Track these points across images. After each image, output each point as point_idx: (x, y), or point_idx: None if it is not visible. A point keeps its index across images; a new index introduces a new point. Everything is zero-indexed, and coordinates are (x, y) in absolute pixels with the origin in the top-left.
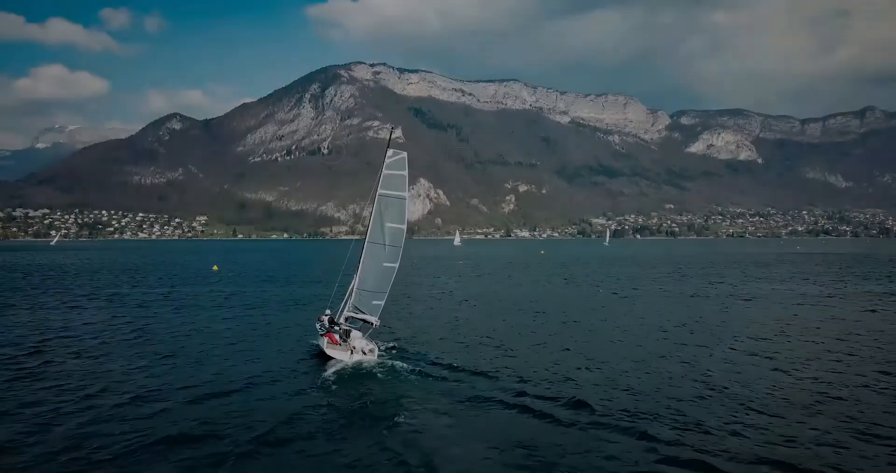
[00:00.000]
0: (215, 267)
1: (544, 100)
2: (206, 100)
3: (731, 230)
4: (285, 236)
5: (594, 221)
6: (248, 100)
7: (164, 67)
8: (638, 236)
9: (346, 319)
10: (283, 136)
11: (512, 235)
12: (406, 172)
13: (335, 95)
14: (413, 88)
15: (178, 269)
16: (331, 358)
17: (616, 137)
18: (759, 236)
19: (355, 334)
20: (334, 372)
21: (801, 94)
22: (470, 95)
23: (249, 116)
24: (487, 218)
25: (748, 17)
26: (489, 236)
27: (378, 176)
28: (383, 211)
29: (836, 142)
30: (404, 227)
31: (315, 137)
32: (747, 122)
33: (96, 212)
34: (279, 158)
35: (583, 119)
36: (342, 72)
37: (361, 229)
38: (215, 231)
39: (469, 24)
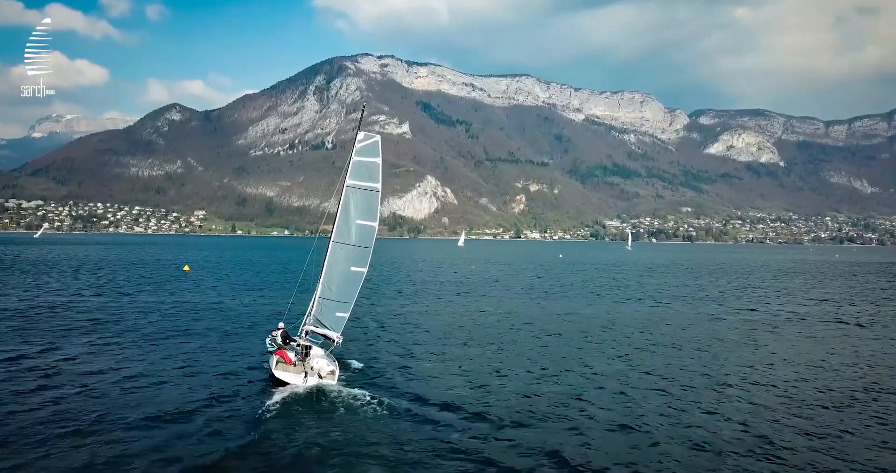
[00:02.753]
0: (187, 268)
1: (557, 96)
2: (207, 91)
3: (750, 236)
4: (286, 233)
5: (608, 223)
6: (250, 91)
7: (165, 56)
8: (653, 240)
9: (307, 333)
10: (285, 129)
11: (521, 236)
12: (379, 160)
13: (341, 88)
14: (421, 81)
15: (149, 268)
16: (281, 382)
17: (632, 136)
18: (779, 243)
19: (316, 351)
20: (281, 401)
21: (825, 94)
22: (480, 89)
23: (251, 107)
24: (496, 218)
25: (771, 12)
26: (497, 237)
27: (346, 164)
28: (351, 205)
29: (862, 145)
30: (376, 224)
31: (319, 130)
32: (769, 123)
33: (91, 204)
34: (281, 152)
35: (597, 117)
36: (348, 64)
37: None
38: (214, 227)
39: (480, 16)
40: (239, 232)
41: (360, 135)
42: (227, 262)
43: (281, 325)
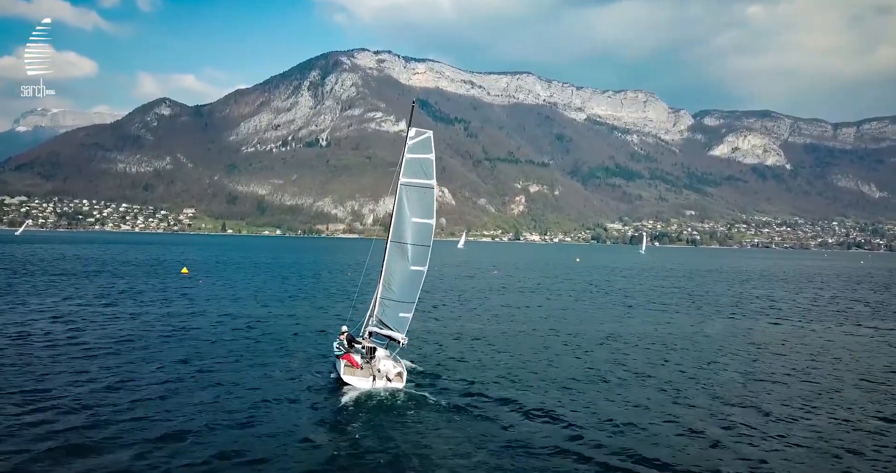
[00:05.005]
0: (185, 270)
1: (559, 95)
2: (199, 85)
3: (755, 240)
4: (278, 232)
5: (609, 226)
6: (242, 86)
7: (156, 49)
8: (656, 244)
9: (370, 335)
10: (278, 125)
11: (521, 238)
12: (433, 155)
13: (336, 84)
14: (419, 78)
15: (140, 270)
16: (349, 386)
17: (635, 136)
18: (785, 247)
19: (381, 353)
20: (351, 402)
21: (834, 96)
22: (480, 87)
23: (244, 103)
24: (495, 220)
25: (783, 11)
26: (496, 239)
27: (399, 162)
28: (406, 204)
29: (870, 148)
30: (433, 222)
31: (313, 127)
32: (776, 124)
33: (76, 201)
34: (274, 149)
35: (599, 117)
36: (344, 59)
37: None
38: (203, 225)
39: (483, 11)
40: (229, 231)
41: (412, 131)
42: (227, 264)
43: (344, 328)
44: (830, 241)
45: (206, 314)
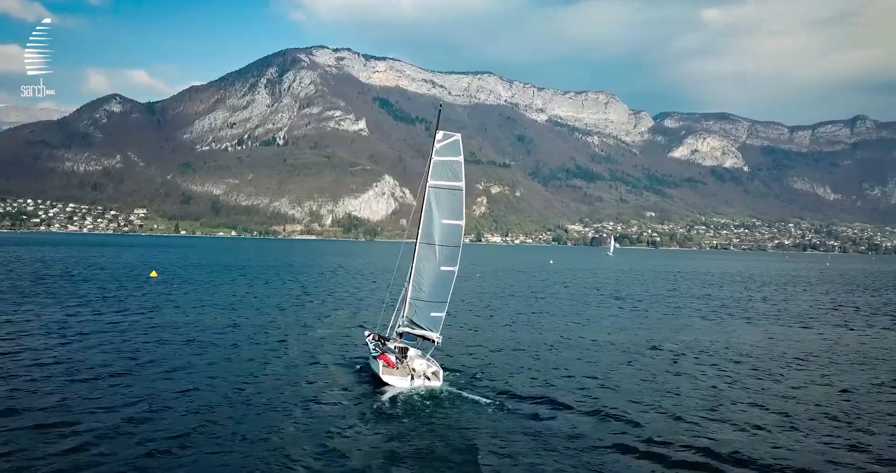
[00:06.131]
0: (154, 274)
1: (520, 96)
2: (151, 81)
3: (714, 242)
4: (233, 233)
5: (570, 227)
6: (197, 83)
7: (106, 43)
8: (618, 245)
9: (400, 335)
10: (234, 123)
11: (483, 240)
12: (462, 158)
13: (294, 82)
14: (379, 76)
15: (106, 275)
16: (388, 385)
17: (595, 138)
18: (743, 249)
19: (413, 353)
20: (391, 400)
21: (791, 99)
22: (441, 86)
23: (198, 100)
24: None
25: (743, 16)
26: None
27: (427, 164)
28: (435, 206)
29: (825, 152)
30: (462, 223)
31: (270, 125)
32: (734, 127)
33: (20, 201)
34: (229, 148)
35: (561, 118)
36: (302, 56)
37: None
38: (155, 226)
39: (445, 10)
40: (183, 232)
41: (440, 135)
42: (195, 267)
43: (367, 332)
44: (787, 242)
45: (207, 323)
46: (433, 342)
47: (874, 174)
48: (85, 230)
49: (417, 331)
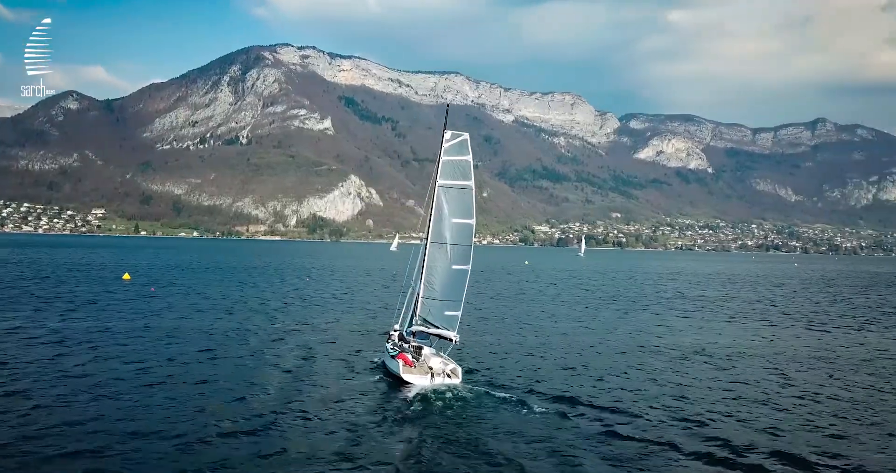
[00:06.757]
0: (126, 276)
1: (487, 96)
2: (109, 78)
3: (679, 243)
4: (195, 234)
5: (537, 228)
6: (158, 80)
7: (62, 38)
8: (580, 246)
9: (414, 334)
10: (196, 122)
11: None
12: (470, 157)
13: (257, 80)
14: (345, 75)
15: (76, 277)
16: (408, 384)
17: (562, 139)
18: (707, 250)
19: (427, 351)
20: (414, 398)
21: (754, 102)
22: (407, 86)
23: (158, 98)
24: (424, 221)
25: (708, 19)
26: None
27: (436, 164)
28: (445, 205)
29: (787, 154)
30: (473, 222)
31: (233, 124)
32: (698, 128)
33: None
34: (191, 147)
35: (527, 119)
36: (266, 54)
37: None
38: (114, 226)
39: (412, 8)
40: (143, 233)
41: (447, 134)
42: (167, 269)
43: (396, 327)
44: (750, 243)
45: (206, 328)
46: (451, 340)
47: (834, 176)
48: (40, 231)
49: (433, 330)
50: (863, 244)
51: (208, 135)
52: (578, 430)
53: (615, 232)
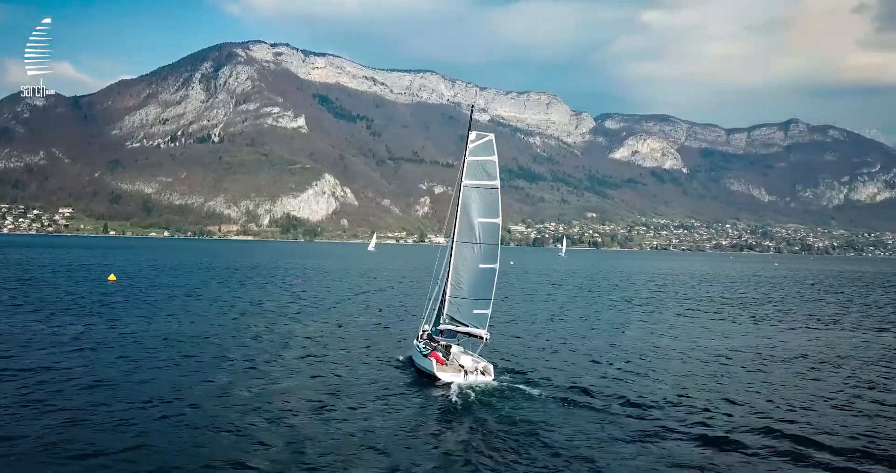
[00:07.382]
0: (112, 277)
1: (463, 95)
2: (77, 74)
3: (655, 242)
4: (166, 233)
5: (513, 228)
6: (127, 77)
7: (27, 32)
8: (560, 246)
9: (442, 332)
10: (167, 120)
11: (427, 240)
12: (496, 157)
13: (230, 77)
14: (319, 72)
15: (60, 278)
16: (440, 381)
17: (537, 138)
18: (682, 250)
19: (456, 350)
20: (450, 397)
21: (728, 102)
22: (382, 84)
23: (128, 95)
24: (399, 221)
25: (683, 20)
26: (401, 241)
27: (461, 164)
28: (471, 205)
29: (760, 154)
30: (499, 221)
31: (205, 122)
32: (673, 129)
33: None
34: (162, 145)
35: (503, 118)
36: (239, 51)
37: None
38: (82, 226)
39: (387, 6)
40: (112, 233)
41: (472, 135)
42: (151, 269)
43: (426, 327)
44: (724, 243)
45: (217, 332)
46: (481, 338)
47: (806, 176)
48: (5, 230)
49: (462, 328)
50: (835, 244)
51: (179, 133)
52: (614, 426)
53: (591, 232)
